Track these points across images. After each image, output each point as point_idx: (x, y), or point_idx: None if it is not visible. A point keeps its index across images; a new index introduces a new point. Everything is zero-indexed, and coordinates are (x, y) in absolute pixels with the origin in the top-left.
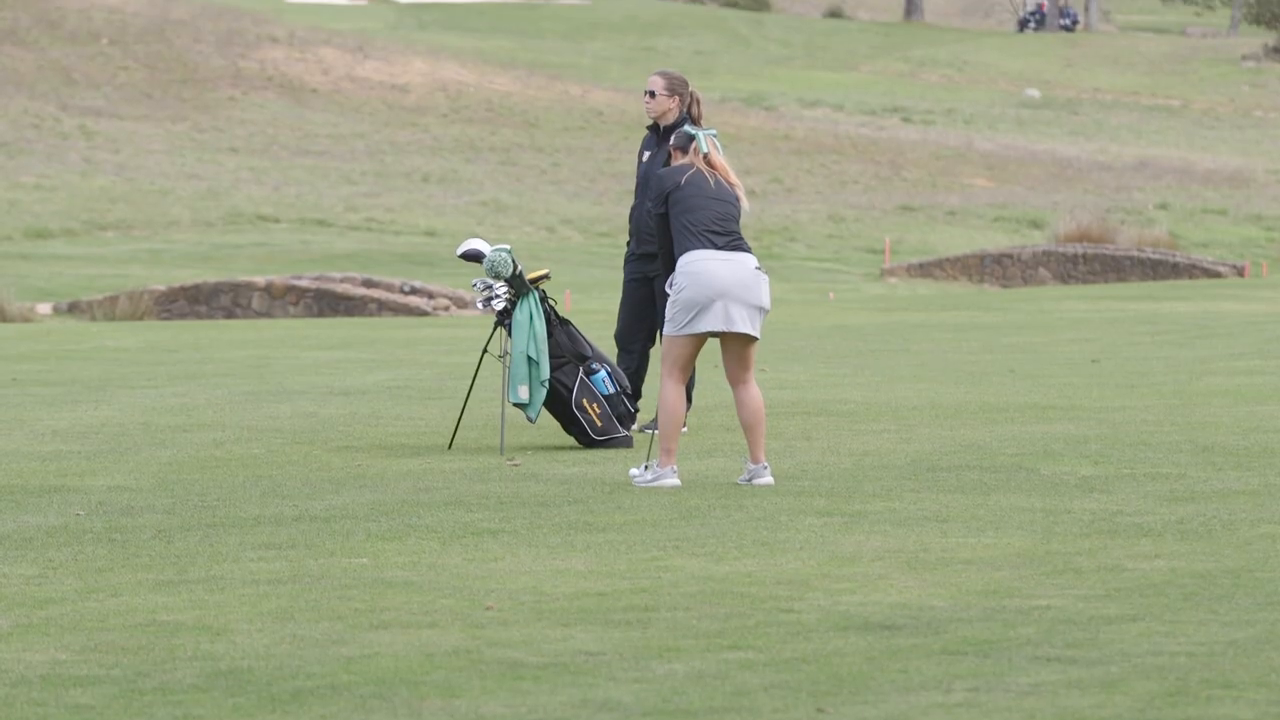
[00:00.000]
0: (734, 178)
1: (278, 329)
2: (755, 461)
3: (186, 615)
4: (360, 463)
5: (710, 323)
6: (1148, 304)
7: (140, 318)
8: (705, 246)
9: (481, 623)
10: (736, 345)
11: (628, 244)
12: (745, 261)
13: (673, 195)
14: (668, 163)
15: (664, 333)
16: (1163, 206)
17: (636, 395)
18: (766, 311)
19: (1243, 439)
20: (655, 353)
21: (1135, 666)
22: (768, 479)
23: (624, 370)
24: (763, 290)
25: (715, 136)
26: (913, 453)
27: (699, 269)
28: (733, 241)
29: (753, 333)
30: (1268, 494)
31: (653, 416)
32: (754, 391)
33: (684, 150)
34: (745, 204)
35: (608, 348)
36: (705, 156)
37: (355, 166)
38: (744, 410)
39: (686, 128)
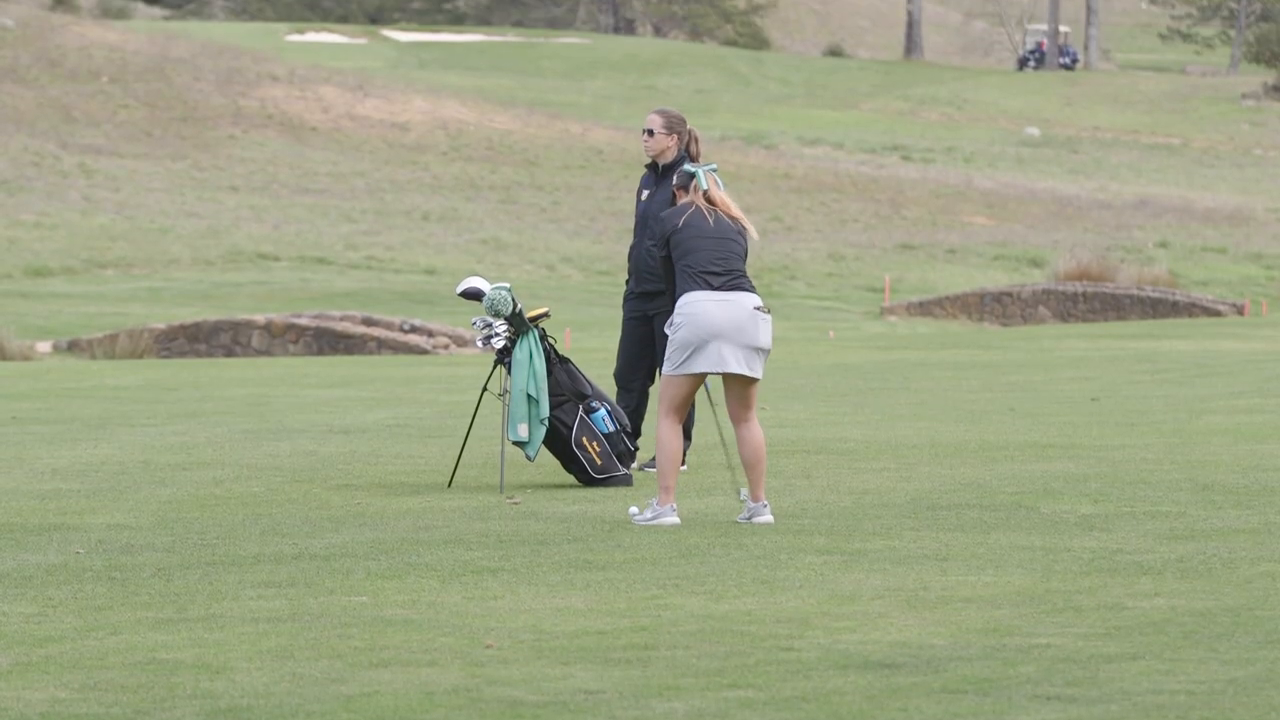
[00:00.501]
0: (736, 211)
1: (277, 367)
2: (755, 500)
3: (186, 653)
4: (360, 501)
5: (704, 363)
6: (1147, 342)
7: (140, 356)
8: (701, 288)
9: (481, 661)
10: (737, 385)
11: (627, 282)
12: (742, 302)
13: (673, 238)
14: (673, 202)
15: (662, 372)
16: (1162, 245)
17: (636, 434)
18: (766, 352)
19: (1243, 477)
20: (655, 391)
21: (1135, 705)
22: (767, 517)
23: (623, 409)
24: (759, 331)
25: (715, 171)
26: (912, 491)
27: (693, 310)
28: (732, 281)
29: (748, 373)
30: (1268, 532)
31: (652, 455)
32: (755, 430)
33: (686, 189)
34: (754, 234)
35: (607, 386)
36: (705, 193)
37: (355, 205)
38: (745, 449)
39: (686, 166)
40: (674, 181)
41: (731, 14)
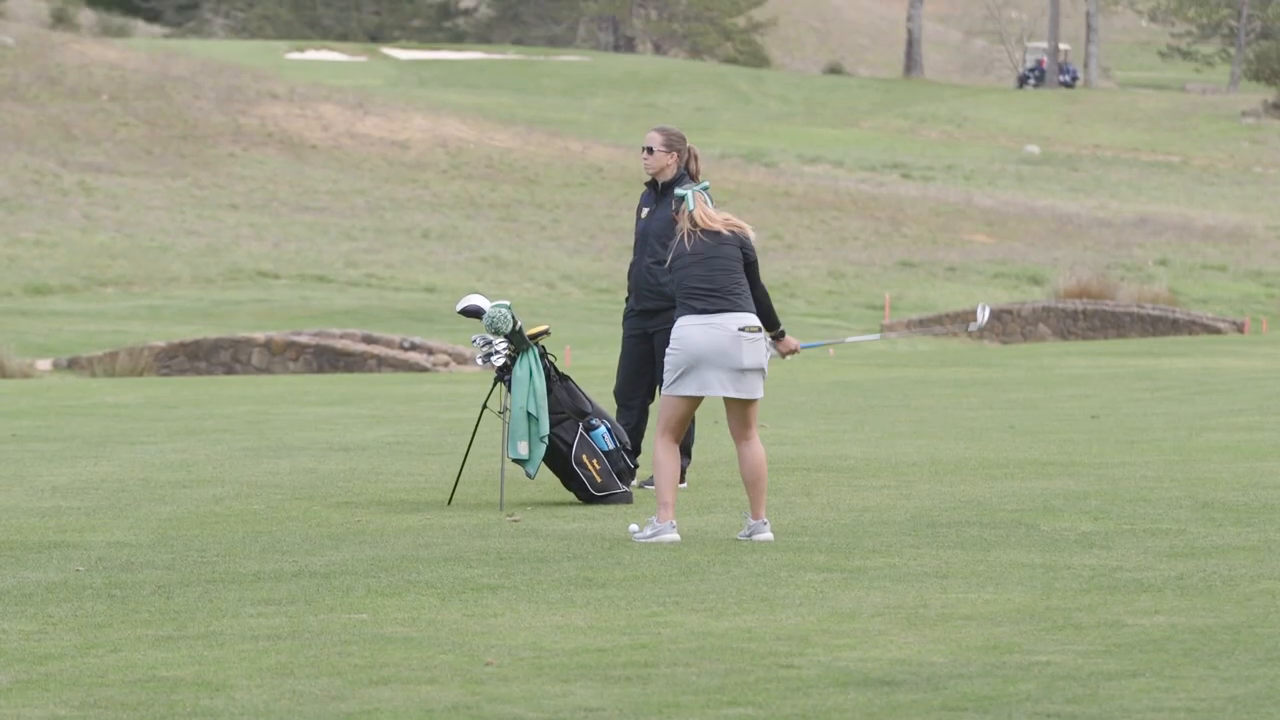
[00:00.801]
0: (719, 223)
1: (277, 385)
2: (755, 517)
3: (186, 671)
4: (360, 518)
5: (690, 387)
6: (1147, 360)
7: (140, 374)
8: (686, 313)
9: (481, 678)
10: (734, 405)
11: (627, 300)
12: (726, 324)
13: (671, 275)
14: (673, 223)
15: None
16: (1162, 263)
17: (636, 451)
18: (758, 370)
19: (1242, 495)
20: (655, 408)
21: None
22: (767, 535)
23: (623, 426)
24: (743, 353)
25: (705, 190)
26: (912, 508)
27: (679, 334)
28: (719, 301)
29: (734, 395)
30: (1267, 550)
31: (651, 473)
32: (756, 448)
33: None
34: (749, 232)
35: (607, 404)
36: (690, 214)
37: (355, 223)
38: (745, 466)
39: (678, 190)
40: (672, 206)
41: (731, 32)
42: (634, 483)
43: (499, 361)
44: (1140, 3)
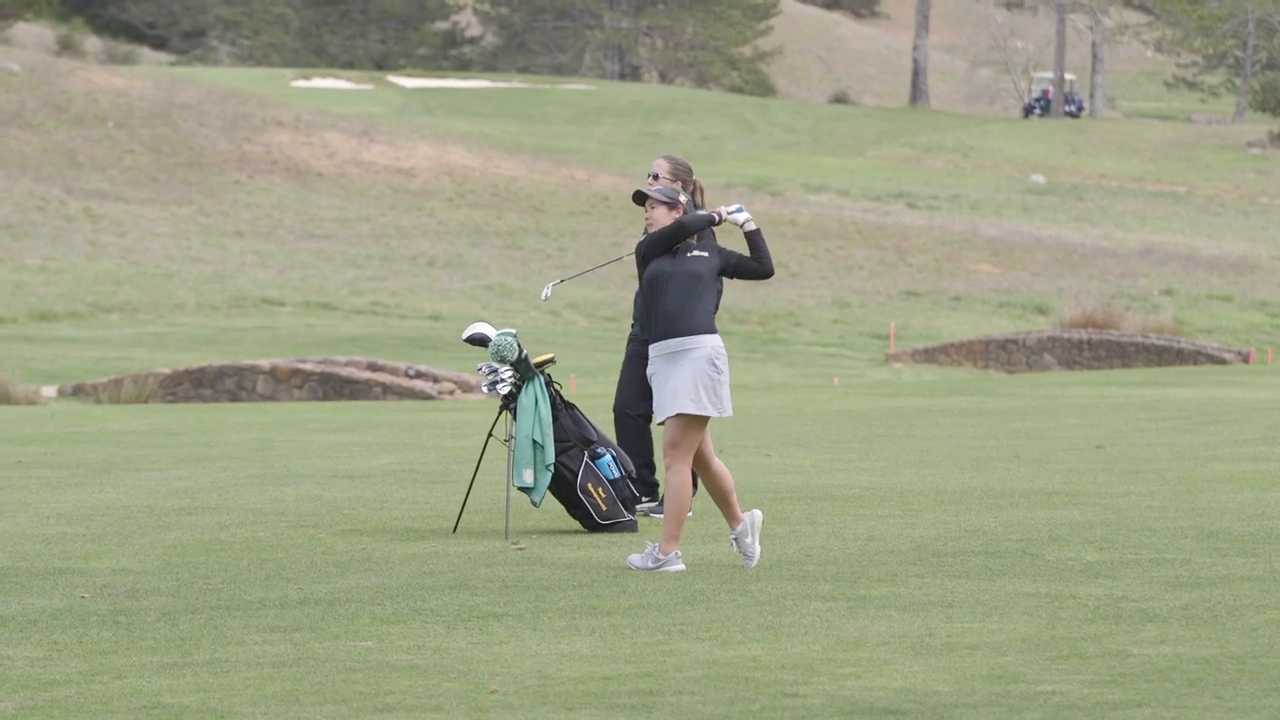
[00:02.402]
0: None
1: (282, 412)
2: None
3: (191, 698)
4: (365, 546)
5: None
6: (1153, 390)
7: (145, 400)
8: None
9: (486, 706)
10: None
11: (632, 327)
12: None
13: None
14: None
15: (688, 412)
16: (1168, 292)
17: (651, 468)
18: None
19: (1248, 525)
20: (656, 431)
21: None
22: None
23: (623, 438)
24: None
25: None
26: (918, 538)
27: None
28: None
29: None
30: (1273, 580)
31: (655, 500)
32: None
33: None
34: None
35: (612, 432)
36: None
37: (360, 250)
38: (726, 484)
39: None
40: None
41: (737, 61)
42: (638, 509)
43: (504, 389)
44: (1146, 33)
